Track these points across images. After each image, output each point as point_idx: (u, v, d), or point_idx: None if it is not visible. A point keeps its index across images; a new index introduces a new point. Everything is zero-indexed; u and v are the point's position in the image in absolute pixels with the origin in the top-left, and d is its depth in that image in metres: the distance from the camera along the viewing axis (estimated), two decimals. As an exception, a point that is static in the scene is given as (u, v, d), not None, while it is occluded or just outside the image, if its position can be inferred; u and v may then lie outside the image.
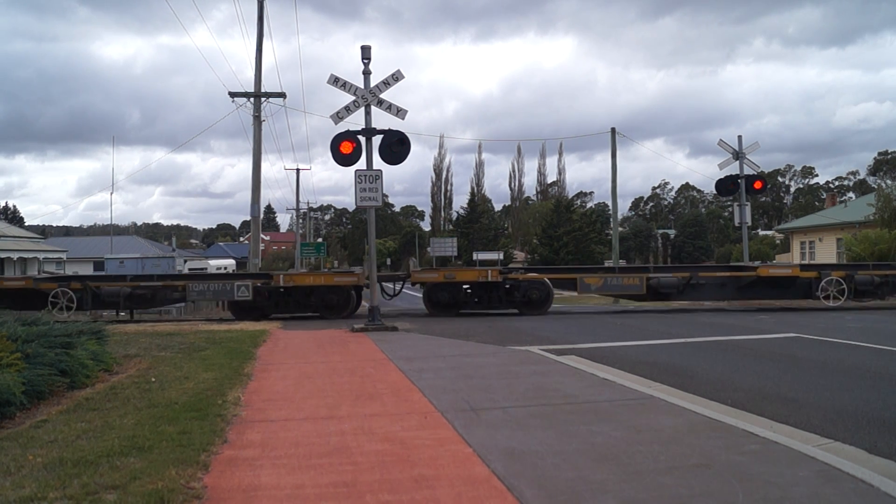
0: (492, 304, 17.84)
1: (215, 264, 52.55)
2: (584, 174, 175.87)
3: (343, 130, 13.87)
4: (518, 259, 74.91)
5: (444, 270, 18.19)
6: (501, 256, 55.61)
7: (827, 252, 39.14)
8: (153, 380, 7.76)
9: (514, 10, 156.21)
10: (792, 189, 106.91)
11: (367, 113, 13.77)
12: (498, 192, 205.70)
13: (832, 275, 18.02)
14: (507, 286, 17.77)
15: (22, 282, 18.49)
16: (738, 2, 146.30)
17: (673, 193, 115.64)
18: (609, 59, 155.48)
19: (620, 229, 58.87)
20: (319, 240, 76.62)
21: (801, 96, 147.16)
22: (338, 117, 13.77)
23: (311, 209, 74.51)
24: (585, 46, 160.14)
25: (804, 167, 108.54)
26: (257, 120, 26.62)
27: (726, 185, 22.14)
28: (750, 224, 22.47)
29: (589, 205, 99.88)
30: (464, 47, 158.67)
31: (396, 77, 13.80)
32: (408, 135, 13.95)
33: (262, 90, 26.91)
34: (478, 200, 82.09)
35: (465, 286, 17.77)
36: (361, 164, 13.81)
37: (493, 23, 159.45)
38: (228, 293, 17.60)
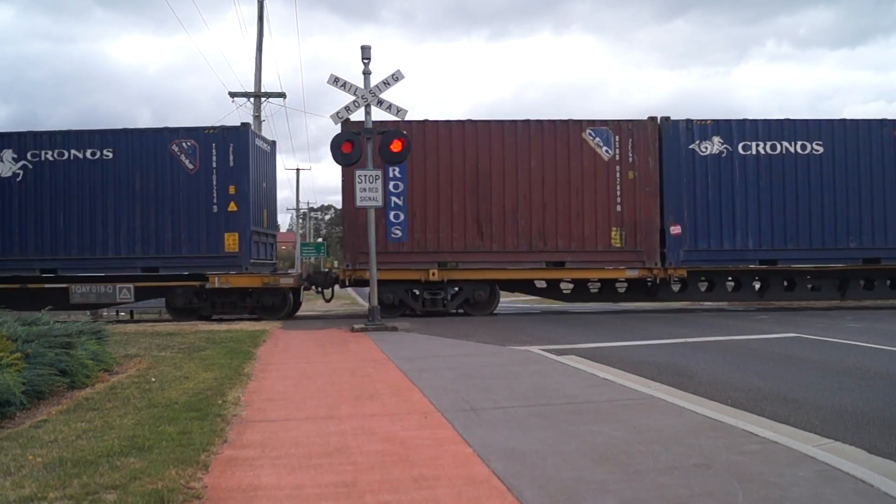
0: None
1: None
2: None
3: (343, 130, 13.89)
4: None
5: None
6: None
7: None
8: (153, 380, 7.77)
9: (528, 12, 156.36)
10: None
11: (368, 113, 13.77)
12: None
13: None
14: None
15: None
16: (751, 3, 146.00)
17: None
18: (622, 60, 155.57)
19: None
20: (319, 240, 76.54)
21: (809, 96, 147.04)
22: (338, 117, 13.78)
23: (311, 209, 74.53)
24: (599, 47, 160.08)
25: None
26: (257, 120, 26.68)
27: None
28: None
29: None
30: (478, 45, 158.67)
31: (396, 77, 13.79)
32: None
33: (267, 90, 27.00)
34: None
35: None
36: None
37: (507, 25, 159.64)
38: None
